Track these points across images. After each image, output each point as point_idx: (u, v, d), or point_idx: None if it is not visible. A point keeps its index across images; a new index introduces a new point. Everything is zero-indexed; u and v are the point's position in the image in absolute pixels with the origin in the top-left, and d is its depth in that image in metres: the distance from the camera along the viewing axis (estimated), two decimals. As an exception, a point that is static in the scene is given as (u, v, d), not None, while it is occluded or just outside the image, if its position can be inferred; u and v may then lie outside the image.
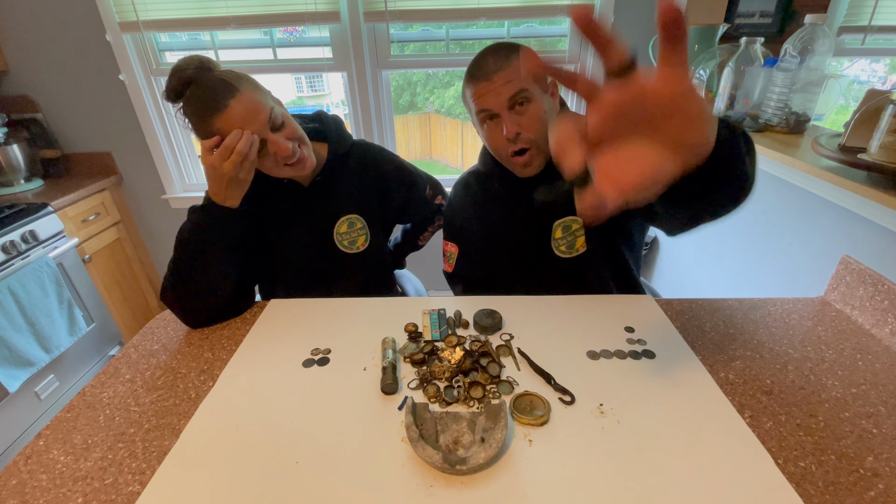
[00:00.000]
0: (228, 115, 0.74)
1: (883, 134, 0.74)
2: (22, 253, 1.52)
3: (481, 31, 1.86)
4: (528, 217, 0.90)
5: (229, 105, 0.74)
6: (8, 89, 1.87)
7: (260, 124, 0.76)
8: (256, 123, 0.76)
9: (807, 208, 1.03)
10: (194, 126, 0.78)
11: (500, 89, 0.75)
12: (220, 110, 0.74)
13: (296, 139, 0.82)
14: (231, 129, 0.75)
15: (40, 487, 0.52)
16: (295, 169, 0.83)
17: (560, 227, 0.88)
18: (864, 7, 1.63)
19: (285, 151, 0.78)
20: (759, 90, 1.16)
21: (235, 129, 0.74)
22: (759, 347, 0.71)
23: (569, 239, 0.88)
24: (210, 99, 0.74)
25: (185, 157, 2.09)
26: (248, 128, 0.75)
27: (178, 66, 0.76)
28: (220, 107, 0.74)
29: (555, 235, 0.89)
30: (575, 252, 0.89)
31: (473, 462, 0.50)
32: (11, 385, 1.45)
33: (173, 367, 0.72)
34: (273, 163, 0.81)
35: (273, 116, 0.78)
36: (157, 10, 1.73)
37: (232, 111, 0.74)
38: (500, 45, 0.78)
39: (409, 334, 0.76)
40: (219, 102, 0.74)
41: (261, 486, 0.50)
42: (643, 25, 1.72)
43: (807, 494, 0.48)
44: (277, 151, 0.78)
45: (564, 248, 0.89)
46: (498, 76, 0.75)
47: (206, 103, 0.75)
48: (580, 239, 0.88)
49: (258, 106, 0.76)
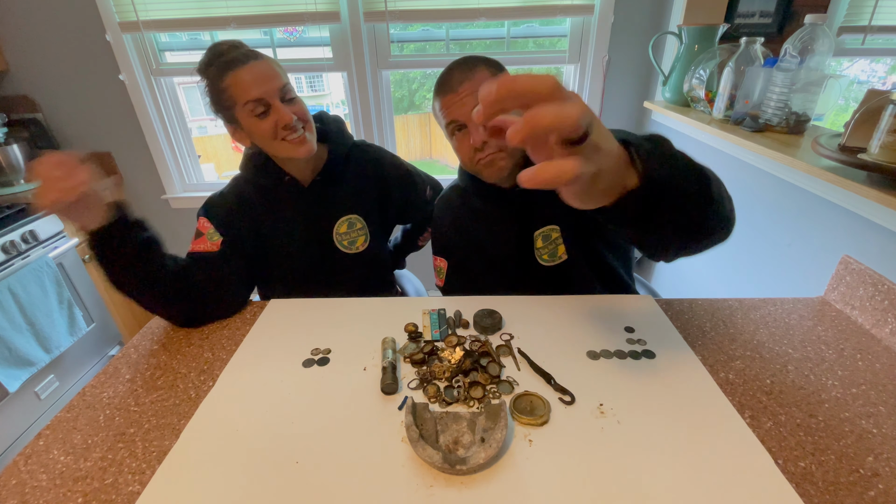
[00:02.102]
0: (243, 72, 0.78)
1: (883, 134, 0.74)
2: (22, 253, 1.52)
3: (481, 31, 1.86)
4: (509, 229, 0.90)
5: (248, 64, 0.78)
6: (8, 89, 1.87)
7: (271, 90, 0.79)
8: (268, 87, 0.79)
9: (807, 208, 1.03)
10: (210, 90, 0.81)
11: (465, 100, 0.76)
12: (237, 66, 0.78)
13: (302, 119, 0.84)
14: (242, 86, 0.78)
15: (40, 487, 0.52)
16: (293, 146, 0.83)
17: (540, 237, 0.88)
18: (864, 7, 1.63)
19: (287, 119, 0.80)
20: (759, 90, 1.16)
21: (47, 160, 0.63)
22: (759, 347, 0.71)
23: (549, 248, 0.88)
24: (232, 58, 0.79)
25: (185, 157, 2.09)
26: (259, 90, 0.78)
27: (214, 44, 0.82)
28: (238, 63, 0.78)
29: (536, 245, 0.89)
30: (558, 259, 0.88)
31: (473, 462, 0.50)
32: (11, 385, 1.45)
33: (173, 367, 0.72)
34: (272, 135, 0.81)
35: (286, 89, 0.81)
36: (157, 10, 1.73)
37: (249, 69, 0.78)
38: (466, 59, 0.80)
39: (409, 334, 0.76)
40: (239, 60, 0.79)
41: (261, 486, 0.50)
42: (643, 25, 1.72)
43: (807, 494, 0.48)
44: (279, 119, 0.80)
45: (547, 257, 0.89)
46: (463, 87, 0.76)
47: (227, 62, 0.79)
48: (561, 247, 0.88)
49: (274, 74, 0.80)
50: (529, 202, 0.87)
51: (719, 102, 1.28)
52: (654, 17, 1.71)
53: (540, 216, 0.88)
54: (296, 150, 0.83)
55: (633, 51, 1.76)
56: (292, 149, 0.83)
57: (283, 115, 0.79)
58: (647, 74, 1.81)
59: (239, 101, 0.79)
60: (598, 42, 1.74)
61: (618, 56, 1.78)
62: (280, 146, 0.83)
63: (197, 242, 0.88)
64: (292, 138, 0.82)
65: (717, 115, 1.29)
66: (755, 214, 1.23)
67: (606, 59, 1.77)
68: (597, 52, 1.76)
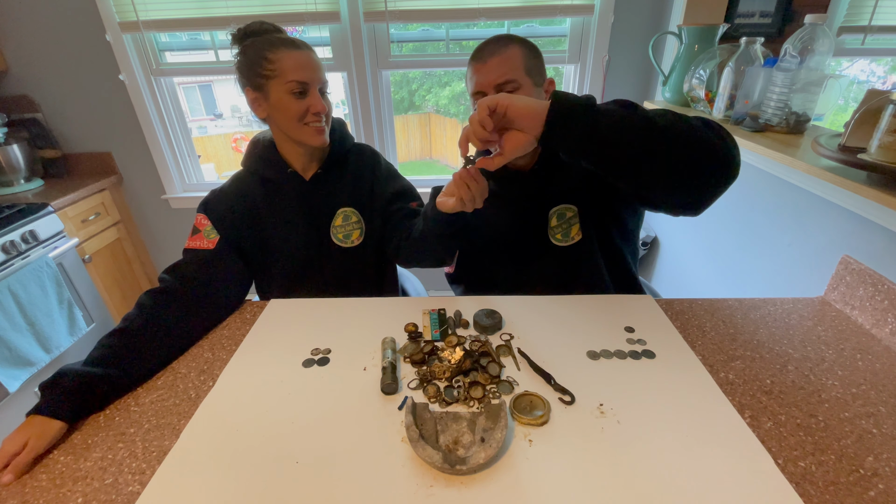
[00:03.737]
0: (300, 54, 0.83)
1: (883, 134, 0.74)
2: (22, 253, 1.52)
3: (481, 31, 1.86)
4: (524, 209, 0.93)
5: (306, 50, 0.85)
6: (8, 89, 1.87)
7: (317, 79, 0.85)
8: (316, 75, 0.85)
9: (807, 208, 1.03)
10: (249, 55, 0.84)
11: (490, 70, 0.81)
12: (295, 48, 0.84)
13: (328, 113, 0.90)
14: (294, 65, 0.83)
15: (40, 487, 0.52)
16: (313, 133, 0.87)
17: (555, 216, 0.91)
18: (864, 7, 1.63)
19: (320, 108, 0.86)
20: (759, 90, 1.16)
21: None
22: (759, 347, 0.71)
23: (564, 227, 0.91)
24: (291, 39, 0.85)
25: (185, 157, 2.09)
26: (308, 74, 0.84)
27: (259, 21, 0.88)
28: (297, 46, 0.84)
29: (550, 224, 0.91)
30: (570, 241, 0.91)
31: (473, 462, 0.50)
32: (11, 385, 1.45)
33: (173, 367, 0.72)
34: (299, 116, 0.86)
35: (325, 86, 0.88)
36: (157, 10, 1.73)
37: (306, 54, 0.84)
38: (503, 35, 0.84)
39: (409, 334, 0.76)
40: (298, 44, 0.84)
41: (261, 486, 0.50)
42: (643, 25, 1.72)
43: (807, 494, 0.48)
44: (313, 105, 0.85)
45: (560, 237, 0.91)
46: (492, 60, 0.80)
47: (282, 40, 0.84)
48: (575, 227, 0.91)
49: (322, 69, 0.87)
50: (546, 182, 0.90)
51: (719, 102, 1.28)
52: (654, 17, 1.71)
53: (557, 195, 0.91)
54: (314, 138, 0.88)
55: (633, 51, 1.76)
56: (312, 135, 0.87)
57: (317, 103, 0.85)
58: (647, 74, 1.81)
59: (283, 76, 0.83)
60: (598, 42, 1.74)
61: (618, 56, 1.78)
62: (302, 130, 0.87)
63: (193, 239, 0.88)
64: (316, 126, 0.87)
65: (717, 115, 1.29)
66: (755, 214, 1.23)
67: (606, 59, 1.77)
68: (597, 52, 1.76)
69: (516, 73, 0.80)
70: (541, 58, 0.85)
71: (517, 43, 0.82)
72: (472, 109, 0.88)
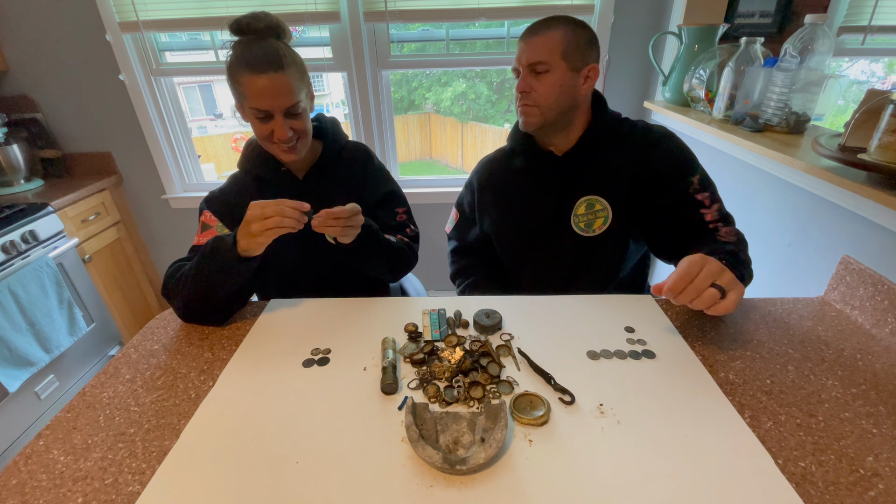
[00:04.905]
0: (260, 80, 0.78)
1: (883, 134, 0.74)
2: (22, 253, 1.52)
3: (481, 31, 1.86)
4: (549, 192, 0.94)
5: (266, 74, 0.78)
6: (8, 89, 1.87)
7: (279, 106, 0.81)
8: (277, 103, 0.80)
9: (807, 208, 1.03)
10: (228, 67, 0.82)
11: (527, 49, 0.84)
12: (254, 73, 0.78)
13: (300, 132, 0.87)
14: (254, 92, 0.79)
15: (40, 487, 0.52)
16: (281, 153, 0.87)
17: (584, 204, 0.92)
18: (864, 7, 1.63)
19: (282, 136, 0.83)
20: (759, 90, 1.16)
21: (292, 207, 0.76)
22: (759, 347, 0.71)
23: (589, 217, 0.92)
24: (254, 58, 0.78)
25: (185, 157, 2.09)
26: (267, 103, 0.80)
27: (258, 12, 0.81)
28: (256, 70, 0.78)
29: (577, 211, 0.92)
30: (592, 232, 0.92)
31: (473, 462, 0.50)
32: (11, 385, 1.45)
33: (173, 367, 0.72)
34: (265, 138, 0.85)
35: (293, 107, 0.82)
36: (157, 10, 1.73)
37: (263, 80, 0.78)
38: (553, 17, 0.86)
39: (409, 334, 0.76)
40: (259, 66, 0.78)
41: (261, 486, 0.50)
42: (643, 25, 1.72)
43: (807, 494, 0.48)
44: (276, 132, 0.83)
45: (583, 226, 0.92)
46: (534, 39, 0.84)
47: (248, 59, 0.79)
48: (599, 220, 0.92)
49: (287, 91, 0.80)
50: (579, 168, 0.91)
51: (719, 102, 1.28)
52: (654, 17, 1.71)
53: (590, 184, 0.92)
54: (282, 156, 0.88)
55: (633, 51, 1.76)
56: (280, 153, 0.88)
57: (280, 132, 0.83)
58: (647, 74, 1.81)
59: (248, 99, 0.82)
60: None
61: (618, 56, 1.78)
62: (270, 147, 0.87)
63: (203, 235, 0.89)
64: (283, 147, 0.86)
65: (717, 115, 1.29)
66: (755, 214, 1.23)
67: (606, 59, 1.77)
68: (597, 52, 1.76)
69: (551, 56, 0.82)
70: (592, 43, 0.86)
71: (564, 26, 0.83)
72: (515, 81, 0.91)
